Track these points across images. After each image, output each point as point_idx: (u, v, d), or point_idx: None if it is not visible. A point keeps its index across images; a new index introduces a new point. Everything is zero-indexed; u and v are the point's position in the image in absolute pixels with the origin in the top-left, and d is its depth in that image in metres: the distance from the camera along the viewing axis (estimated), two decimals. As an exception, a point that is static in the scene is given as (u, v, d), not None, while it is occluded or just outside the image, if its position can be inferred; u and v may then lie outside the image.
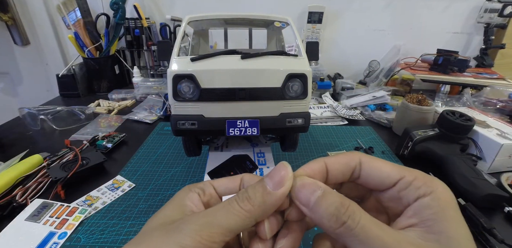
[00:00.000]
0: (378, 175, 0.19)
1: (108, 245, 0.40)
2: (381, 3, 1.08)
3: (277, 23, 0.55)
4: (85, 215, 0.44)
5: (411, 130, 0.61)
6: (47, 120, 0.74)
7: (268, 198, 0.18)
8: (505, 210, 0.47)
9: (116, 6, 0.95)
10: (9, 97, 1.21)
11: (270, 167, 0.42)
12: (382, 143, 0.70)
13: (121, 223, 0.44)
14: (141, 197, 0.50)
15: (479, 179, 0.49)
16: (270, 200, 0.18)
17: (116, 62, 1.08)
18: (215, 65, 0.39)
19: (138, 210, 0.47)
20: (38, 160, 0.57)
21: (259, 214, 0.18)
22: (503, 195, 0.47)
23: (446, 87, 0.96)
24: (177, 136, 0.43)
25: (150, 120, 0.79)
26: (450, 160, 0.55)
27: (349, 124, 0.80)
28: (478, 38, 1.10)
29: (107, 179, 0.54)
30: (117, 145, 0.66)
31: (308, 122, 0.42)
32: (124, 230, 0.42)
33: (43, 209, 0.45)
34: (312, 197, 0.17)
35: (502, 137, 0.56)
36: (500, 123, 0.64)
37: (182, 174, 0.56)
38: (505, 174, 0.53)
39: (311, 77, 0.41)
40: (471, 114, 0.66)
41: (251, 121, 0.39)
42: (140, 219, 0.45)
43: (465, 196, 0.49)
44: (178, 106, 0.39)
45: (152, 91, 0.96)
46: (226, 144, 0.50)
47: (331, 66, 1.15)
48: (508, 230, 0.44)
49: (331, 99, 0.93)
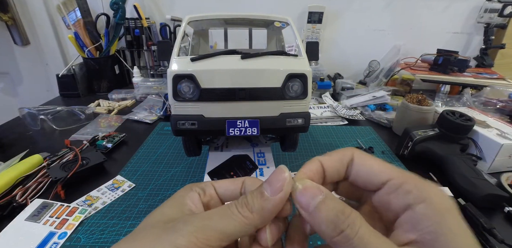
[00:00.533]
0: (367, 172, 0.18)
1: (108, 245, 0.40)
2: (381, 3, 1.08)
3: (277, 23, 0.55)
4: (85, 215, 0.44)
5: (411, 130, 0.61)
6: (47, 120, 0.74)
7: (267, 204, 0.17)
8: (505, 210, 0.47)
9: (116, 6, 0.95)
10: (9, 97, 1.21)
11: (270, 167, 0.42)
12: (382, 143, 0.70)
13: (121, 223, 0.44)
14: (141, 197, 0.50)
15: (479, 179, 0.49)
16: (269, 206, 0.17)
17: (116, 62, 1.08)
18: (215, 65, 0.39)
19: (138, 210, 0.47)
20: (38, 160, 0.57)
21: (258, 220, 0.17)
22: (503, 195, 0.47)
23: (446, 87, 0.96)
24: (177, 135, 0.43)
25: (150, 120, 0.79)
26: (450, 160, 0.55)
27: (349, 124, 0.80)
28: (478, 38, 1.10)
29: (107, 179, 0.54)
30: (117, 145, 0.66)
31: (308, 123, 0.42)
32: (124, 230, 0.42)
33: (43, 209, 0.45)
34: (312, 201, 0.16)
35: (502, 137, 0.56)
36: (500, 123, 0.64)
37: (182, 174, 0.56)
38: (505, 174, 0.53)
39: (311, 77, 0.41)
40: (471, 114, 0.66)
41: (251, 122, 0.39)
42: (140, 219, 0.45)
43: (465, 196, 0.49)
44: (178, 106, 0.39)
45: (152, 91, 0.96)
46: (226, 144, 0.50)
47: (331, 66, 1.15)
48: (508, 230, 0.44)
49: (331, 99, 0.93)
